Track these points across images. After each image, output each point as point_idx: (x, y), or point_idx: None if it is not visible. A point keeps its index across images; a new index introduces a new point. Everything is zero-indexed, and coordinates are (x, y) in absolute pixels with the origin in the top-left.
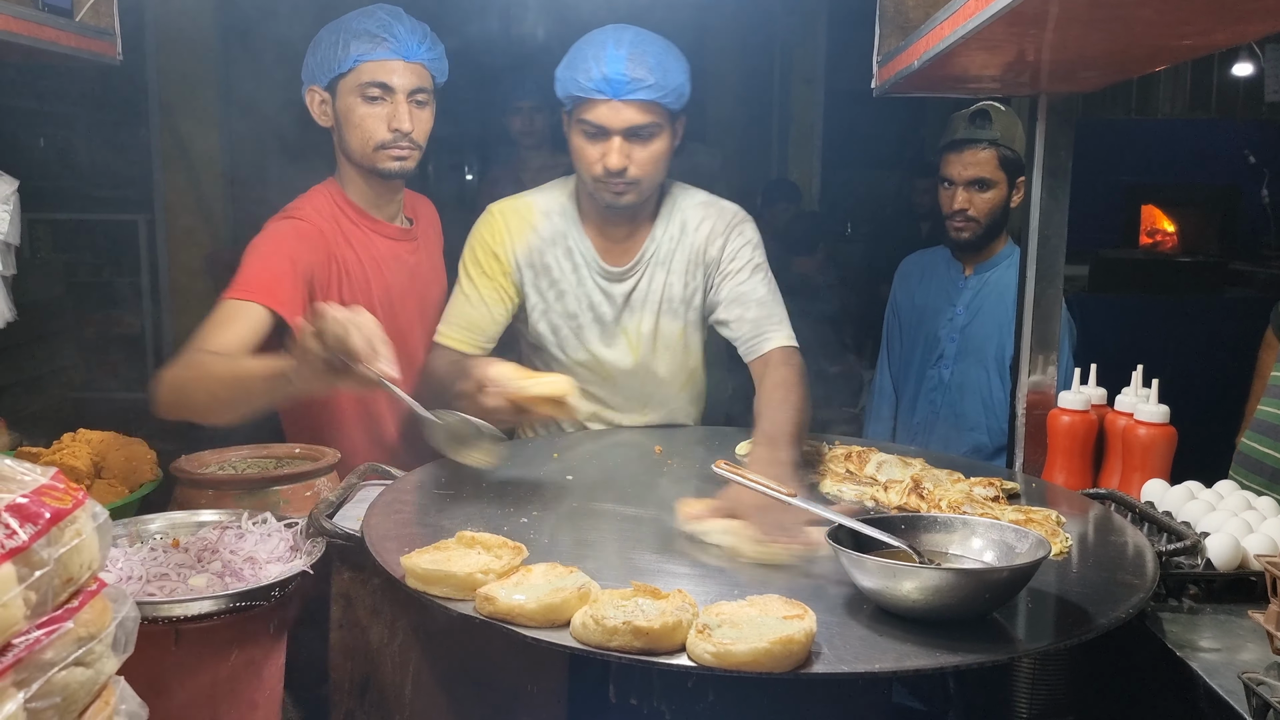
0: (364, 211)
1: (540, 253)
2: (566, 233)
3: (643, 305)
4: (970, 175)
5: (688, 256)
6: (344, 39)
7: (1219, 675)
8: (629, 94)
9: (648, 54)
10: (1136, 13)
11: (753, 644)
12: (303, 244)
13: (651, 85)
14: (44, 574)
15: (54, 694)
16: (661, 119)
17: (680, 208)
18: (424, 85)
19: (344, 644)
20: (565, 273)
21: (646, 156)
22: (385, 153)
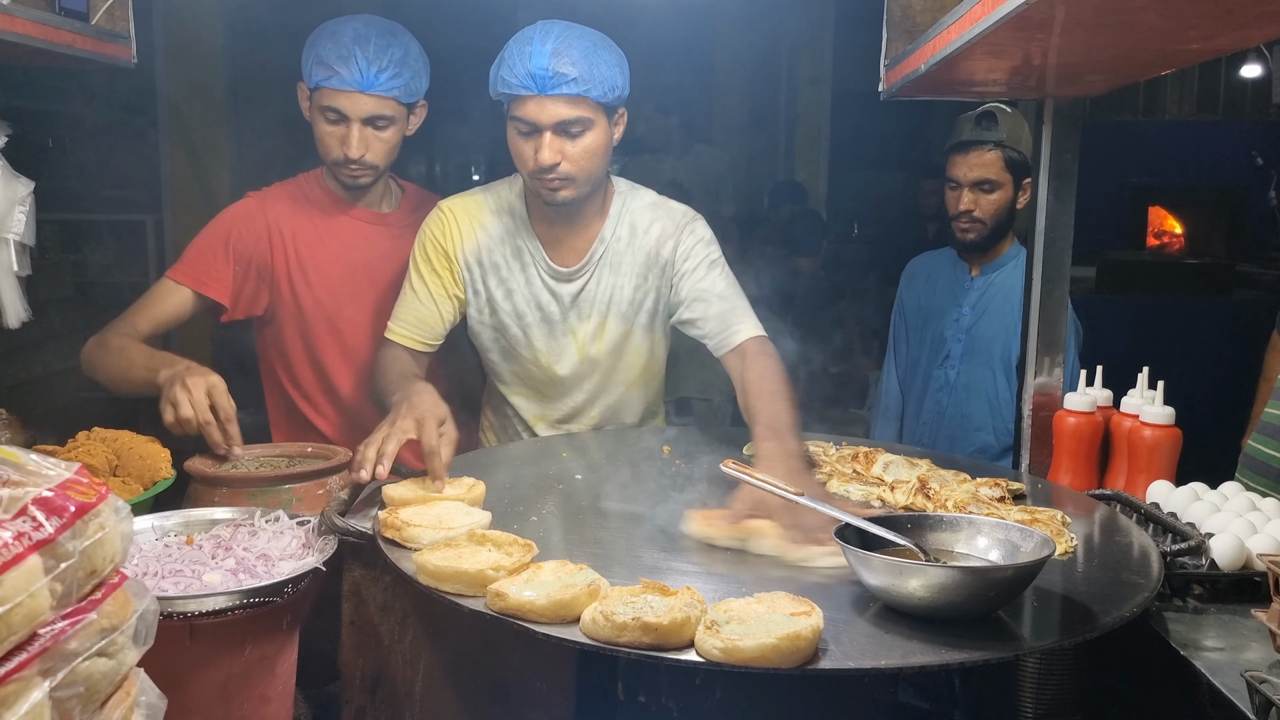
0: (337, 198)
1: (489, 251)
2: (516, 231)
3: (591, 306)
4: (976, 176)
5: (639, 259)
6: (312, 59)
7: (1222, 674)
8: (554, 89)
9: (573, 48)
10: (1141, 18)
11: (760, 640)
12: (239, 224)
13: (576, 79)
14: (69, 566)
15: (78, 684)
16: (592, 113)
17: (629, 209)
18: (382, 112)
19: (355, 640)
20: (514, 272)
21: (579, 151)
22: (340, 169)
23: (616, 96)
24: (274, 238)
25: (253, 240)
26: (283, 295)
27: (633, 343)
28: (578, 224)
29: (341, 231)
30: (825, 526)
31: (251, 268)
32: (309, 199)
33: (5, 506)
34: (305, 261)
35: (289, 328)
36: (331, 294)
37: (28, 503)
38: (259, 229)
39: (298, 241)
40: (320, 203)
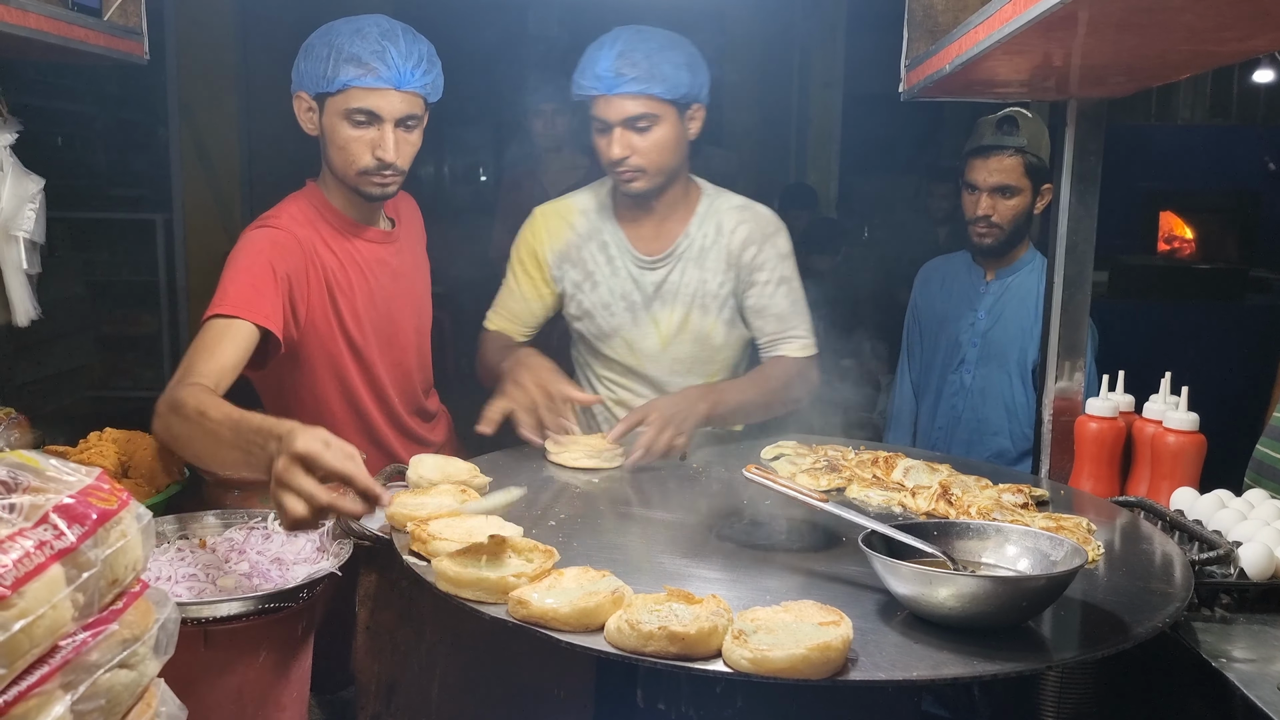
0: (346, 217)
1: (577, 249)
2: (602, 227)
3: (674, 296)
4: (995, 182)
5: (723, 257)
6: (335, 58)
7: (1256, 686)
8: (618, 88)
9: (638, 50)
10: (1178, 18)
11: (790, 650)
12: (279, 252)
13: (637, 78)
14: (91, 575)
15: (99, 696)
16: (658, 109)
17: (716, 209)
18: (414, 112)
19: (370, 646)
20: (600, 264)
21: (647, 145)
22: (368, 179)
23: (684, 94)
24: (309, 266)
25: (296, 269)
26: (316, 329)
27: (717, 335)
28: (662, 217)
29: (357, 255)
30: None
31: (296, 298)
32: (325, 223)
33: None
34: (334, 290)
35: (318, 363)
36: (356, 321)
37: (49, 510)
38: (298, 256)
39: (327, 268)
40: (337, 226)
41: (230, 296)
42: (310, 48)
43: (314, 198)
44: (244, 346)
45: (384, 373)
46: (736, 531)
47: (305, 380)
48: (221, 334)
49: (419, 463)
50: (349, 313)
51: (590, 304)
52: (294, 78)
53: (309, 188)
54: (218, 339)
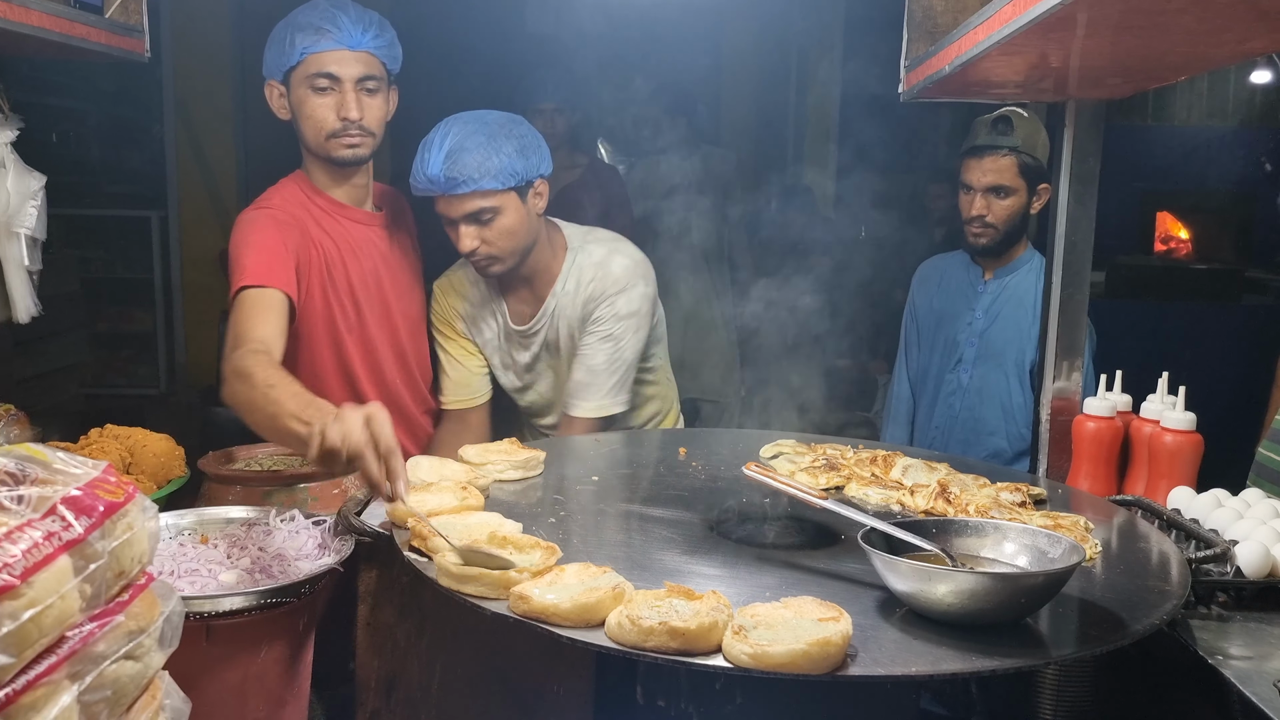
0: (332, 199)
1: (474, 319)
2: (489, 298)
3: (554, 350)
4: (990, 182)
5: (576, 313)
6: (291, 33)
7: (1252, 683)
8: (453, 189)
9: (465, 150)
10: (1177, 20)
11: (790, 646)
12: (283, 229)
13: (468, 179)
14: (98, 567)
15: (105, 687)
16: (496, 201)
17: (578, 266)
18: (372, 73)
19: (370, 642)
20: (495, 332)
21: (494, 234)
22: (337, 141)
23: (520, 180)
24: (310, 244)
25: (299, 244)
26: (315, 303)
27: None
28: (532, 280)
29: (346, 235)
30: None
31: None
32: (315, 204)
33: (34, 505)
34: (330, 266)
35: (318, 338)
36: (352, 299)
37: (56, 502)
38: (299, 233)
39: (323, 245)
40: (325, 207)
41: (252, 268)
42: (272, 36)
43: (300, 182)
44: (282, 312)
45: (381, 349)
46: (736, 529)
47: (304, 355)
48: (258, 302)
49: (416, 464)
50: (345, 290)
51: (495, 367)
52: (264, 73)
53: (296, 174)
54: (256, 307)
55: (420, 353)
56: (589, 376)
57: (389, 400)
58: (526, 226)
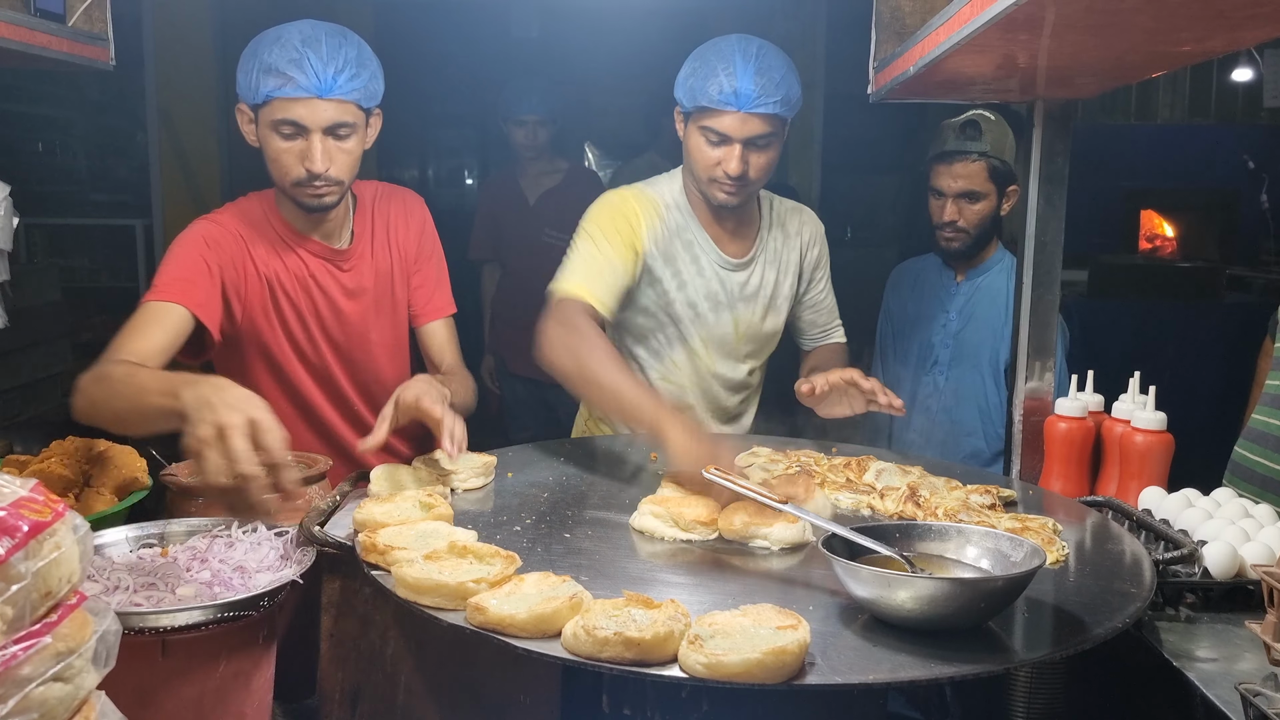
0: (292, 228)
1: (668, 242)
2: (686, 226)
3: (754, 298)
4: (961, 187)
5: (795, 258)
6: (257, 69)
7: (1216, 685)
8: (755, 107)
9: (773, 68)
10: (1133, 19)
11: (745, 655)
12: (213, 246)
13: (777, 100)
14: (21, 588)
15: (31, 710)
16: (778, 128)
17: (777, 212)
18: (344, 119)
19: (334, 654)
20: (686, 263)
21: (763, 162)
22: (302, 190)
23: (796, 113)
24: (249, 261)
25: (231, 261)
26: (256, 325)
27: (776, 332)
28: (742, 220)
29: (301, 266)
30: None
31: (230, 291)
32: (270, 226)
33: None
34: (276, 292)
35: (256, 360)
36: (303, 329)
37: None
38: (233, 252)
39: (271, 269)
40: (280, 232)
41: (165, 281)
42: (242, 59)
43: (265, 201)
44: (175, 330)
45: (348, 386)
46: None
47: (244, 377)
48: (152, 317)
49: (380, 475)
50: (295, 320)
51: (678, 302)
52: (237, 90)
53: (267, 191)
54: (147, 321)
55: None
56: (830, 315)
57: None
58: (776, 163)
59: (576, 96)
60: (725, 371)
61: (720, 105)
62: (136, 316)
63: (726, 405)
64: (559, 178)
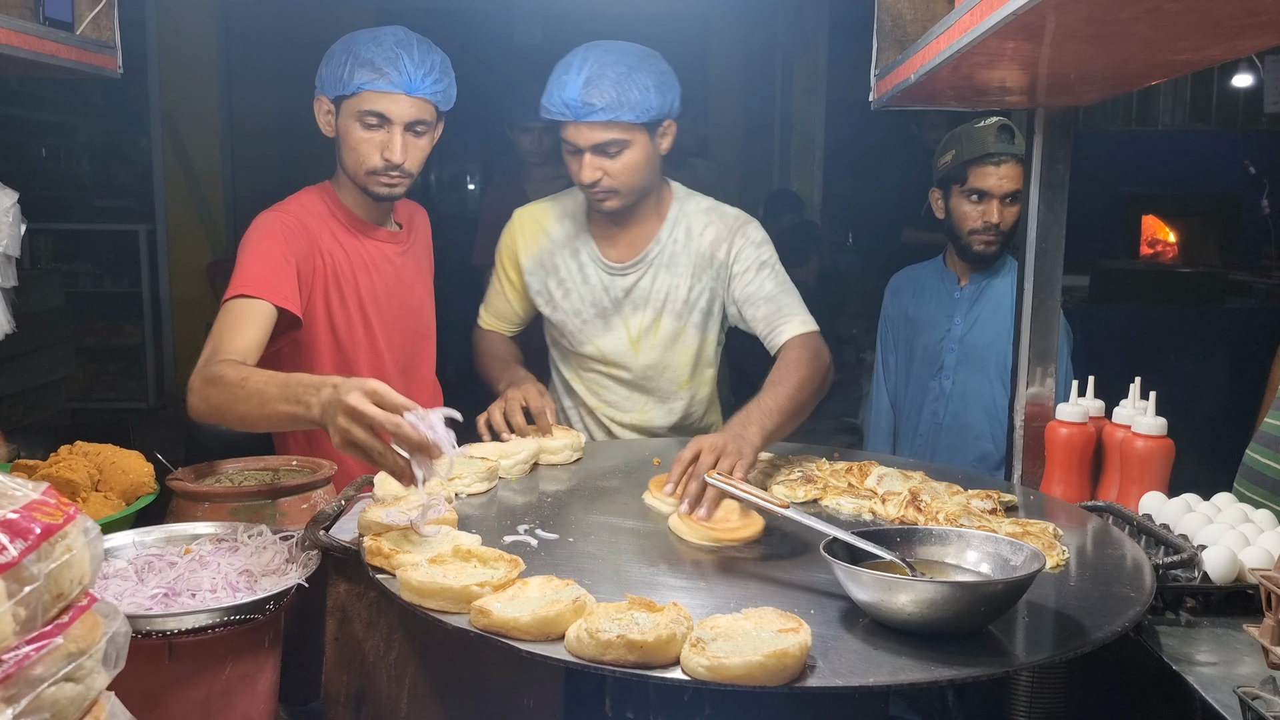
0: (355, 215)
1: (550, 254)
2: (575, 235)
3: (645, 302)
4: (1008, 188)
5: (694, 260)
6: (351, 63)
7: (1215, 689)
8: (586, 116)
9: (605, 76)
10: (1131, 28)
11: (746, 657)
12: (289, 235)
13: (606, 108)
14: (34, 589)
15: (43, 710)
16: (627, 134)
17: (685, 213)
18: (424, 117)
19: (339, 657)
20: (572, 272)
21: (618, 168)
22: (376, 178)
23: (654, 116)
24: (315, 251)
25: (304, 253)
26: (318, 314)
27: (684, 341)
28: (632, 225)
29: (364, 252)
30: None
31: (302, 280)
32: (335, 219)
33: None
34: (341, 280)
35: (321, 350)
36: (361, 315)
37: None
38: (306, 240)
39: (335, 258)
40: (346, 223)
41: (249, 277)
42: (332, 54)
43: (326, 194)
44: (265, 325)
45: (391, 370)
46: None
47: (307, 365)
48: (243, 314)
49: (385, 479)
50: (355, 306)
51: (562, 308)
52: (316, 83)
53: (323, 185)
54: (240, 319)
55: (429, 367)
56: (772, 305)
57: None
58: (649, 166)
59: None
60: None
61: (558, 116)
62: (229, 314)
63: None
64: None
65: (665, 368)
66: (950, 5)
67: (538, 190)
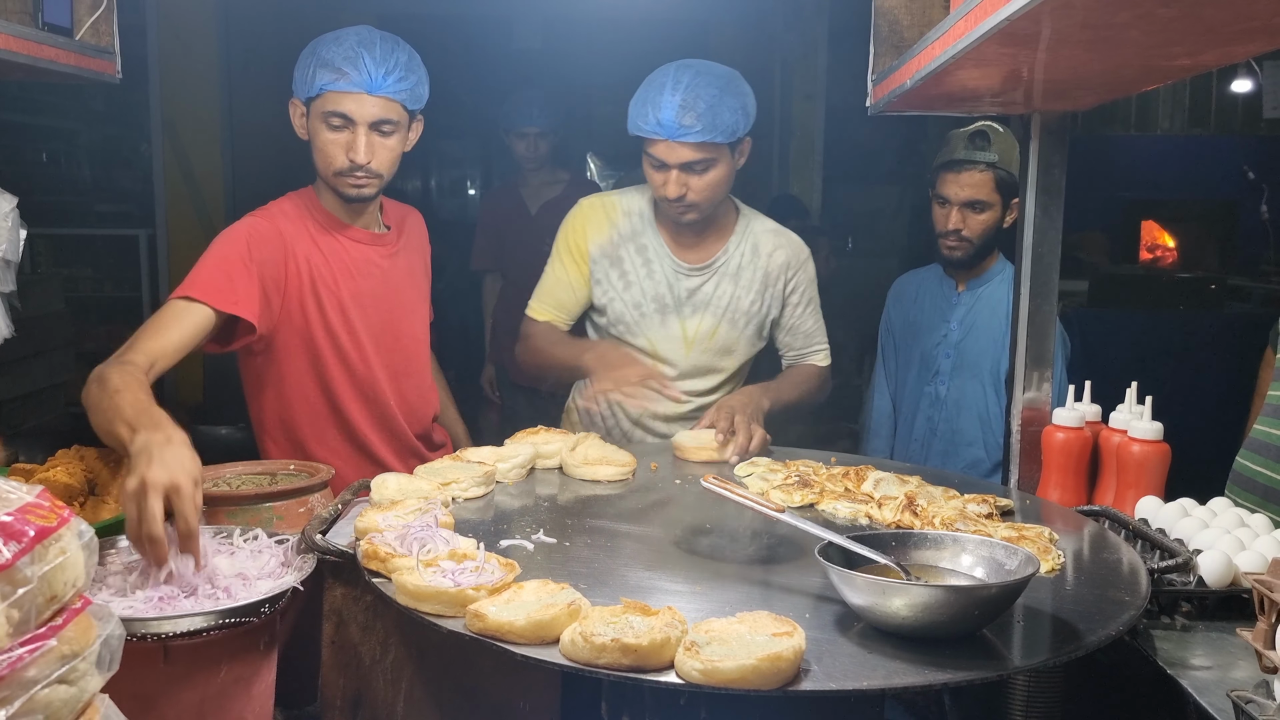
0: (335, 218)
1: (616, 246)
2: (642, 231)
3: (706, 306)
4: (967, 196)
5: (761, 277)
6: (314, 64)
7: (1209, 693)
8: (681, 136)
9: (700, 98)
10: (1125, 34)
11: (740, 661)
12: (256, 240)
13: (701, 129)
14: (27, 592)
15: (36, 712)
16: (715, 153)
17: (753, 231)
18: (389, 116)
19: (336, 660)
20: (636, 265)
21: (702, 185)
22: (343, 179)
23: (739, 136)
24: (289, 257)
25: (271, 258)
26: (292, 319)
27: (739, 348)
28: (702, 233)
29: (344, 254)
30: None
31: (270, 287)
32: (312, 218)
33: None
34: (317, 284)
35: (295, 354)
36: (342, 318)
37: None
38: (276, 246)
39: (311, 262)
40: (322, 223)
41: (196, 280)
42: (301, 56)
43: (306, 197)
44: (194, 330)
45: (380, 374)
46: (701, 544)
47: (280, 370)
48: (175, 316)
49: (384, 482)
50: (335, 309)
51: (622, 299)
52: (292, 86)
53: (306, 189)
54: (170, 320)
55: (423, 373)
56: (808, 340)
57: (382, 422)
58: (729, 182)
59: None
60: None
61: (650, 134)
62: (159, 314)
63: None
64: (560, 189)
65: (710, 371)
66: (946, 11)
67: (534, 195)
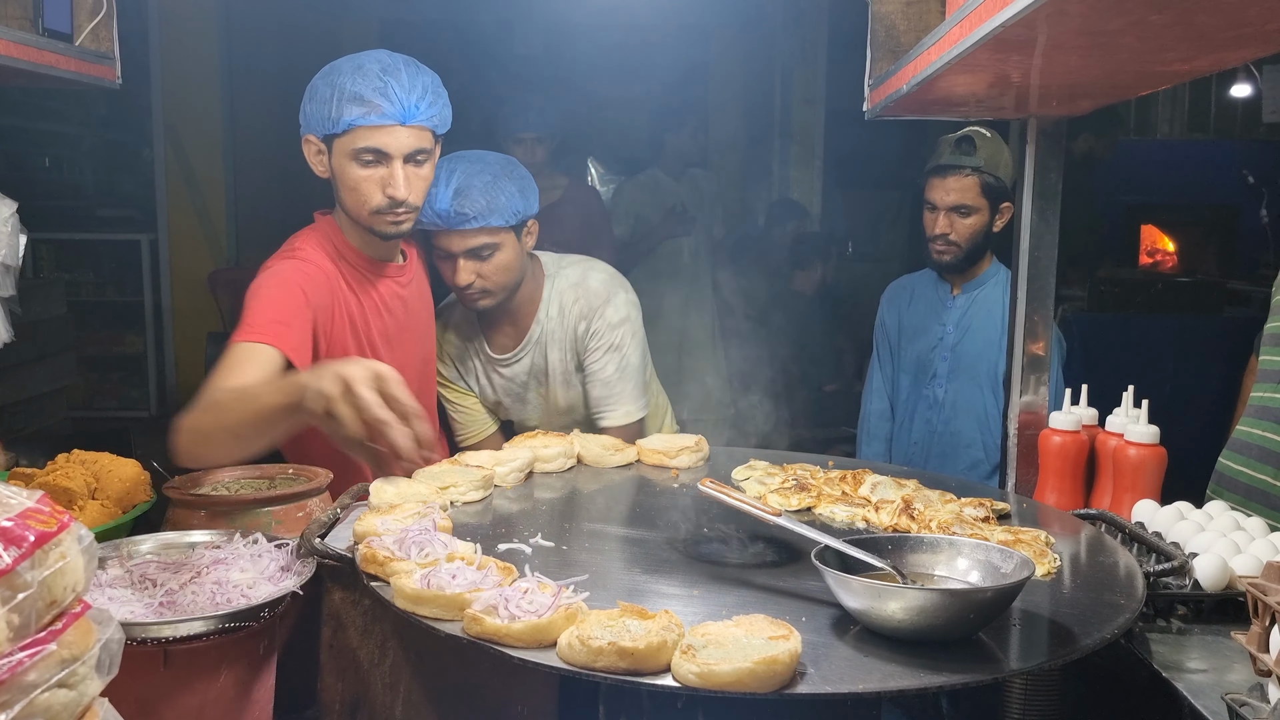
0: (365, 256)
1: (460, 354)
2: (474, 333)
3: (543, 378)
4: (952, 201)
5: (568, 335)
6: (338, 99)
7: (1204, 696)
8: (460, 225)
9: (473, 187)
10: (1119, 40)
11: (736, 664)
12: (310, 285)
13: (477, 216)
14: (27, 596)
15: (36, 716)
16: (498, 237)
17: (557, 290)
18: (423, 145)
19: (334, 665)
20: (477, 369)
21: (491, 269)
22: (381, 218)
23: (519, 218)
24: (335, 301)
25: (323, 304)
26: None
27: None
28: (514, 314)
29: (374, 292)
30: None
31: (319, 331)
32: (345, 261)
33: None
34: (355, 325)
35: None
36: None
37: None
38: (326, 292)
39: (348, 304)
40: (357, 265)
41: (259, 322)
42: (314, 89)
43: (332, 235)
44: (267, 372)
45: None
46: (697, 548)
47: None
48: (246, 358)
49: (381, 487)
50: (368, 349)
51: (487, 395)
52: (301, 121)
53: (324, 222)
54: (241, 362)
55: (433, 389)
56: (605, 389)
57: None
58: (518, 262)
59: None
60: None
61: (431, 226)
62: (231, 356)
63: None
64: (558, 194)
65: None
66: (942, 16)
67: None
